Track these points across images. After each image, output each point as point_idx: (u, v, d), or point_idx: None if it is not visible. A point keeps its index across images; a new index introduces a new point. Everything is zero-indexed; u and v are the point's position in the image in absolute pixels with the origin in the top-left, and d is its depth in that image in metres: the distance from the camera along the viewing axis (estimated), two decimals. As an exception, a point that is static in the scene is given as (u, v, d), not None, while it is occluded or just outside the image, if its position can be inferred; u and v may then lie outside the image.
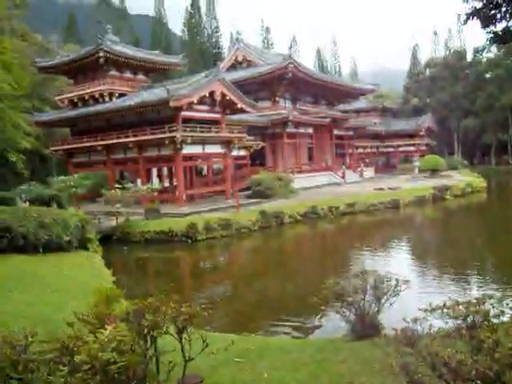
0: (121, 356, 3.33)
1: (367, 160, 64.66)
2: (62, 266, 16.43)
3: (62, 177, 33.16)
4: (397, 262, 19.06)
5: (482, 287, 14.24)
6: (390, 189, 40.30)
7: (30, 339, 3.54)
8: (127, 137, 33.23)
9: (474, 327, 4.15)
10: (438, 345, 3.85)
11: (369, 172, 57.82)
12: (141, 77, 41.55)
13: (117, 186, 30.17)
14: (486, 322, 4.18)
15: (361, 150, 65.71)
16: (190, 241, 23.88)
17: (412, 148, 67.09)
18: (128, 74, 40.48)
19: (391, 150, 69.45)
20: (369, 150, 68.36)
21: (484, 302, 4.52)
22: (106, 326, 3.80)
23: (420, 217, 35.04)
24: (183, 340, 4.02)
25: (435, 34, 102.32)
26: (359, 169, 55.57)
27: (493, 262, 19.57)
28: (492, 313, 4.36)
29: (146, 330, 3.71)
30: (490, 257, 20.55)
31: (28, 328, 3.85)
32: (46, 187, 30.85)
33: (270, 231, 27.26)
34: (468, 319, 4.28)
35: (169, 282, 17.41)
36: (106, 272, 17.10)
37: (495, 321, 4.31)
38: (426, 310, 4.60)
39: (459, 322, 4.31)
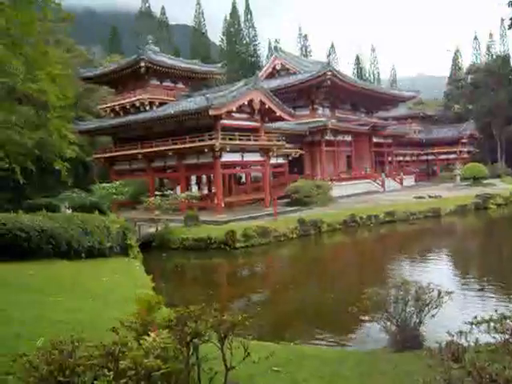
0: (164, 363, 3.39)
1: (407, 168, 63.72)
2: (103, 272, 16.72)
3: (104, 184, 33.92)
4: (437, 272, 18.64)
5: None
6: (430, 197, 39.56)
7: (76, 344, 3.64)
8: (167, 145, 33.72)
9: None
10: (485, 360, 3.76)
11: (409, 180, 56.97)
12: (180, 86, 42.14)
13: (156, 193, 30.64)
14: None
15: (400, 158, 64.80)
16: (228, 248, 23.97)
17: (453, 156, 65.75)
18: (168, 83, 41.13)
19: (432, 157, 68.29)
20: (409, 158, 67.38)
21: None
22: (150, 333, 3.88)
23: (461, 226, 34.23)
24: (224, 348, 4.05)
25: (476, 39, 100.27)
26: (399, 177, 54.79)
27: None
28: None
29: (188, 338, 3.76)
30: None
31: (72, 333, 3.96)
32: (89, 194, 31.60)
33: (309, 239, 27.13)
34: (515, 334, 4.16)
35: (207, 289, 17.56)
36: (146, 278, 17.32)
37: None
38: (471, 323, 4.50)
39: (507, 336, 4.19)
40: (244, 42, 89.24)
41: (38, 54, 10.00)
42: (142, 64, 36.87)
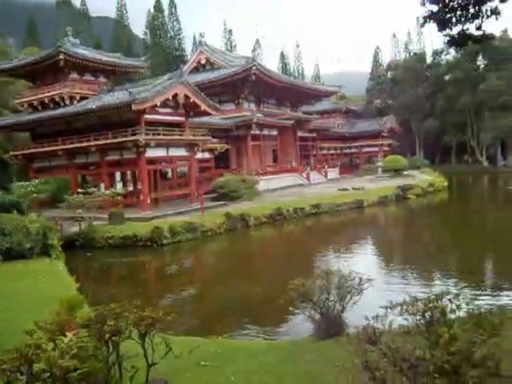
0: (81, 363, 3.29)
1: (331, 161, 65.36)
2: (22, 274, 16.05)
3: (23, 182, 32.39)
4: (361, 261, 19.34)
5: (443, 283, 14.60)
6: (354, 189, 40.84)
7: (-13, 349, 3.46)
8: (89, 141, 32.67)
9: (432, 323, 4.25)
10: (399, 341, 3.93)
11: (333, 173, 58.43)
12: (102, 80, 40.92)
13: (79, 190, 29.64)
14: (443, 318, 4.29)
15: (325, 152, 66.44)
16: (155, 245, 23.66)
17: (375, 149, 68.15)
18: (89, 77, 39.83)
19: (355, 150, 70.42)
20: (333, 151, 69.18)
21: (442, 298, 4.64)
22: (67, 333, 3.75)
23: (383, 216, 35.64)
24: (146, 345, 3.99)
25: (394, 36, 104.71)
26: (323, 170, 56.09)
27: (453, 259, 20.09)
28: (449, 308, 4.48)
29: (107, 336, 3.67)
30: (450, 254, 21.06)
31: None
32: (7, 193, 30.05)
33: (236, 233, 27.26)
34: (426, 315, 4.38)
35: (134, 287, 17.27)
36: (69, 279, 16.75)
37: (452, 316, 4.43)
38: (386, 308, 4.69)
39: (418, 318, 4.40)
40: (168, 35, 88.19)
41: None
42: (61, 57, 35.44)
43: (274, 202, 32.98)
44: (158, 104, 30.61)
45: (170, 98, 31.48)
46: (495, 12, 9.28)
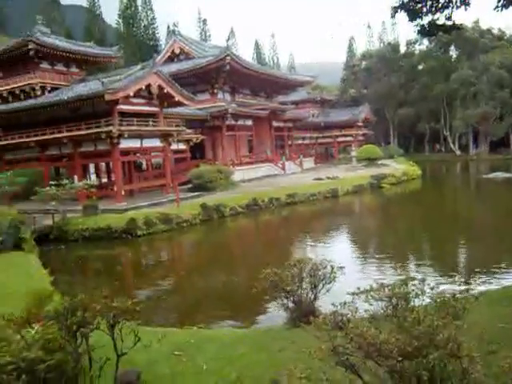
0: (49, 354, 3.28)
1: (307, 151, 65.61)
2: (-6, 268, 15.84)
3: (-7, 175, 31.80)
4: (335, 249, 19.58)
5: (415, 270, 14.87)
6: (328, 178, 41.11)
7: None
8: (61, 132, 32.18)
9: (396, 308, 4.35)
10: (365, 326, 4.01)
11: (308, 163, 58.71)
12: (74, 69, 40.36)
13: (52, 183, 29.23)
14: (407, 303, 4.39)
15: (300, 141, 66.63)
16: (130, 237, 23.51)
17: (350, 138, 68.56)
18: (60, 67, 39.21)
19: (330, 140, 70.69)
20: (308, 141, 69.39)
21: (407, 284, 4.74)
22: (34, 326, 3.74)
23: (358, 205, 36.02)
24: (115, 335, 4.00)
25: (369, 27, 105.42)
26: (299, 160, 56.29)
27: (426, 247, 20.47)
28: (413, 293, 4.58)
29: (75, 327, 3.67)
30: (423, 241, 21.43)
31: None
32: (-24, 186, 29.51)
33: (212, 224, 27.25)
34: (392, 300, 4.48)
35: (110, 280, 17.17)
36: (43, 272, 16.59)
37: (417, 301, 4.54)
38: (353, 294, 4.77)
39: (385, 303, 4.50)
40: (142, 25, 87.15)
41: None
42: (31, 46, 34.82)
43: (250, 192, 33.02)
44: (132, 94, 30.28)
45: (144, 88, 31.15)
46: (464, 2, 9.41)
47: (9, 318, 3.96)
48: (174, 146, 37.62)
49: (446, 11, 9.63)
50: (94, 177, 36.76)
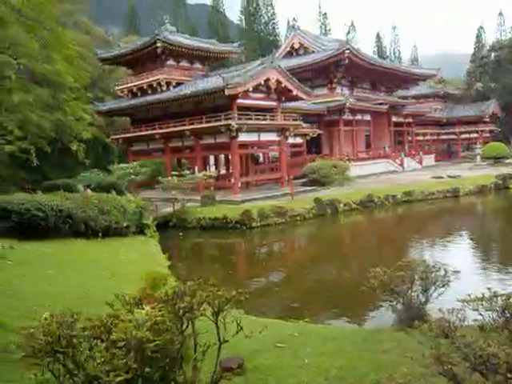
0: (156, 335, 3.51)
1: (427, 147, 62.97)
2: (118, 251, 17.06)
3: (122, 165, 34.26)
4: (452, 252, 18.58)
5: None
6: (449, 177, 39.14)
7: (75, 317, 3.78)
8: (184, 125, 33.85)
9: (509, 320, 4.08)
10: (472, 336, 3.81)
11: (429, 160, 56.34)
12: (197, 65, 42.02)
13: (174, 173, 30.85)
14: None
15: (420, 138, 63.90)
16: (244, 228, 24.14)
17: (475, 135, 64.58)
18: (185, 63, 41.02)
19: (453, 137, 67.14)
20: (429, 137, 66.39)
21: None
22: (144, 307, 4.02)
23: (481, 206, 33.87)
24: (219, 323, 4.18)
25: (500, 14, 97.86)
26: (418, 156, 54.22)
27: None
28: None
29: (181, 312, 3.89)
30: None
31: (80, 308, 4.12)
32: (107, 175, 31.97)
33: (325, 219, 27.12)
34: (506, 312, 4.20)
35: (224, 268, 17.79)
36: (162, 257, 17.64)
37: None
38: (463, 301, 4.54)
39: (496, 314, 4.23)
40: (262, 20, 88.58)
41: (53, 35, 10.04)
42: (159, 44, 36.78)
43: (365, 189, 32.41)
44: (251, 89, 31.02)
45: (262, 82, 31.76)
46: None
47: (122, 299, 4.28)
48: (290, 140, 37.98)
49: None
50: (213, 168, 38.18)
